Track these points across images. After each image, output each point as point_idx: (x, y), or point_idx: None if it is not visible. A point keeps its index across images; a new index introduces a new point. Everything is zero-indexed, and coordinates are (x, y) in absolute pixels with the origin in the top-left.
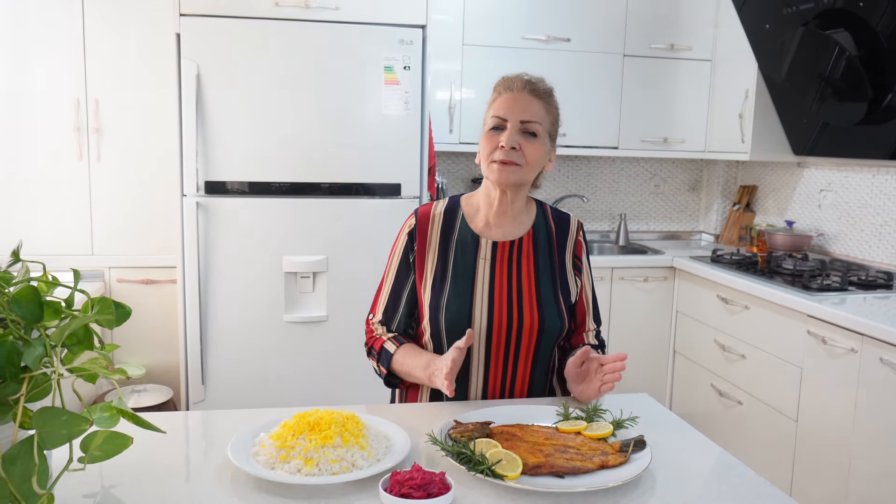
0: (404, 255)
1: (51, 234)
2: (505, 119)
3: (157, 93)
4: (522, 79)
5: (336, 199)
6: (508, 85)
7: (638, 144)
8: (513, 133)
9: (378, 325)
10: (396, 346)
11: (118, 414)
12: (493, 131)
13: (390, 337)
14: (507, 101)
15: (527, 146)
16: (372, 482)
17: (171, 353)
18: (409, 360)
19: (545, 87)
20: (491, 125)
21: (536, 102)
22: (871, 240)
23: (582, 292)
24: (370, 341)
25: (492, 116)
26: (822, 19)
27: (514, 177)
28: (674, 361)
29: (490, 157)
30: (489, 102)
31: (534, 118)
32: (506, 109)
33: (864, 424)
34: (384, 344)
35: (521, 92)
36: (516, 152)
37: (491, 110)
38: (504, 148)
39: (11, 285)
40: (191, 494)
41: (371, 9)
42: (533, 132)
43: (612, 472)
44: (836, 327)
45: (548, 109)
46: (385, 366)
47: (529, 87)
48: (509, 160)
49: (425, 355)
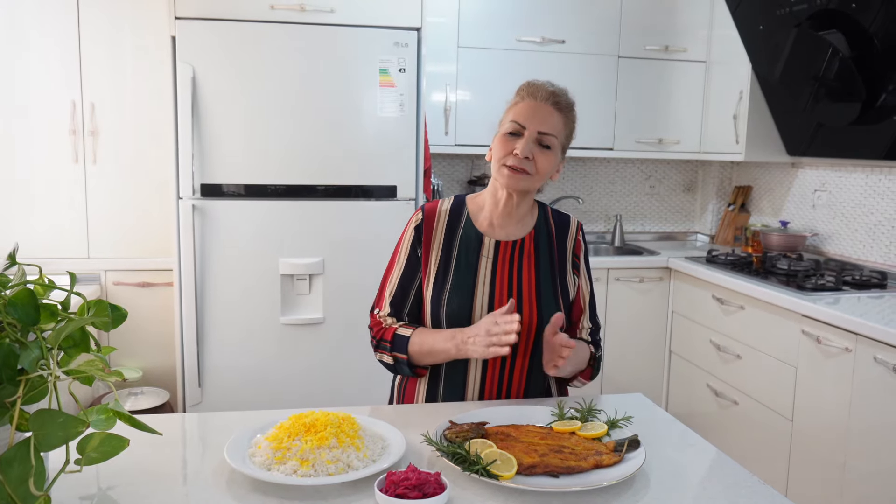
0: (412, 249)
1: (47, 237)
2: (524, 126)
3: (152, 95)
4: (547, 89)
5: (332, 201)
6: (532, 92)
7: (633, 145)
8: (528, 142)
9: (386, 317)
10: (412, 329)
11: (115, 416)
12: (509, 136)
13: (402, 324)
14: (528, 109)
15: (539, 157)
16: (367, 483)
17: (168, 355)
18: (429, 338)
19: (568, 100)
20: (508, 129)
21: (557, 115)
22: (866, 240)
23: (579, 292)
24: (379, 333)
25: (511, 121)
26: (816, 20)
27: (523, 185)
28: (669, 362)
29: (502, 161)
30: (510, 103)
31: (551, 131)
32: (526, 117)
33: (858, 423)
34: (397, 331)
35: (544, 102)
36: (528, 161)
37: (511, 113)
38: (518, 156)
39: (8, 288)
40: (187, 496)
41: (366, 11)
42: (548, 145)
43: (606, 472)
44: (830, 327)
45: (566, 123)
46: (403, 350)
47: (553, 98)
48: (521, 168)
49: (443, 331)
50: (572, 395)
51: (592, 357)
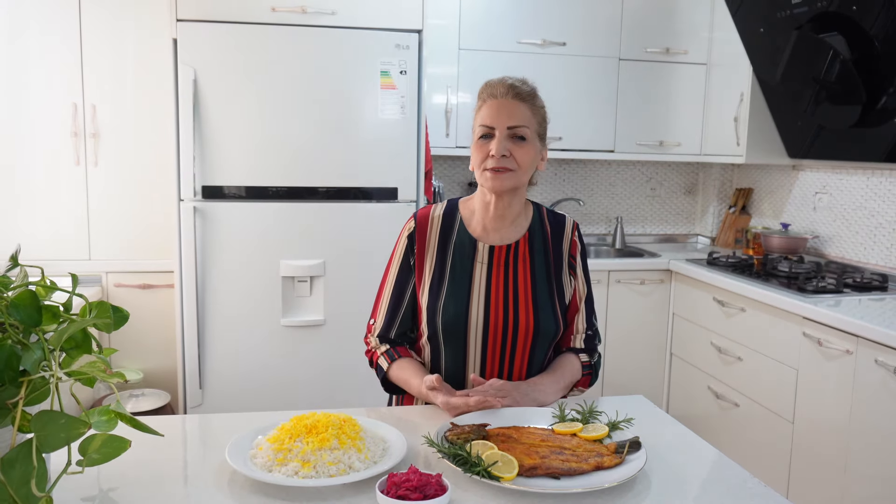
0: (405, 258)
1: (48, 239)
2: (492, 127)
3: (154, 98)
4: (505, 84)
5: (333, 203)
6: (492, 92)
7: (634, 148)
8: (501, 140)
9: (374, 339)
10: (389, 362)
11: (116, 417)
12: (482, 140)
13: (383, 352)
14: (492, 109)
15: (517, 151)
16: (369, 484)
17: (169, 357)
18: (403, 376)
19: (528, 88)
20: (479, 133)
21: (521, 106)
22: (867, 242)
23: (575, 293)
24: (368, 354)
25: (479, 125)
26: (816, 23)
27: (508, 183)
28: (670, 364)
29: (482, 166)
30: (475, 110)
31: (521, 122)
32: (492, 117)
33: (859, 426)
34: (378, 360)
35: (505, 98)
36: (507, 159)
37: (478, 118)
38: (494, 156)
39: (10, 290)
40: (188, 497)
41: (367, 14)
42: (522, 136)
43: (607, 474)
44: (831, 329)
45: (533, 111)
46: (381, 379)
47: (513, 91)
48: (501, 167)
49: (418, 375)
50: (573, 398)
51: (589, 364)
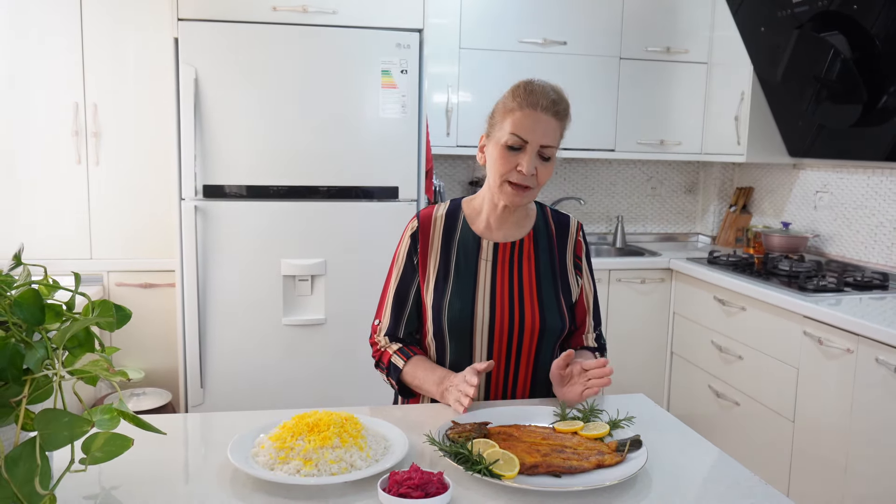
0: (408, 257)
1: (49, 238)
2: (525, 141)
3: (155, 97)
4: (548, 97)
5: (334, 202)
6: (533, 102)
7: (634, 147)
8: (532, 157)
9: (383, 338)
10: (404, 360)
11: (119, 416)
12: (510, 150)
13: (396, 350)
14: (529, 120)
15: (541, 169)
16: (370, 482)
17: (170, 356)
18: (420, 374)
19: (567, 105)
20: (509, 142)
21: (558, 125)
22: (867, 241)
23: (582, 292)
24: (376, 355)
25: (511, 133)
26: (817, 22)
27: (527, 200)
28: (671, 363)
29: (504, 177)
30: (506, 109)
31: (552, 143)
32: (527, 130)
33: (860, 424)
34: (391, 358)
35: (545, 112)
36: (532, 178)
37: (509, 123)
38: (522, 173)
39: (13, 289)
40: (191, 495)
41: (368, 13)
42: (548, 157)
43: (608, 472)
44: (832, 328)
45: (563, 130)
46: (395, 379)
47: (554, 108)
48: (526, 185)
49: (438, 370)
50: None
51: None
